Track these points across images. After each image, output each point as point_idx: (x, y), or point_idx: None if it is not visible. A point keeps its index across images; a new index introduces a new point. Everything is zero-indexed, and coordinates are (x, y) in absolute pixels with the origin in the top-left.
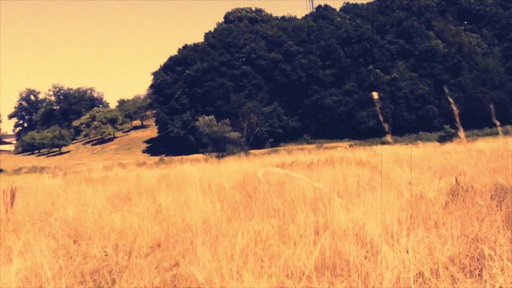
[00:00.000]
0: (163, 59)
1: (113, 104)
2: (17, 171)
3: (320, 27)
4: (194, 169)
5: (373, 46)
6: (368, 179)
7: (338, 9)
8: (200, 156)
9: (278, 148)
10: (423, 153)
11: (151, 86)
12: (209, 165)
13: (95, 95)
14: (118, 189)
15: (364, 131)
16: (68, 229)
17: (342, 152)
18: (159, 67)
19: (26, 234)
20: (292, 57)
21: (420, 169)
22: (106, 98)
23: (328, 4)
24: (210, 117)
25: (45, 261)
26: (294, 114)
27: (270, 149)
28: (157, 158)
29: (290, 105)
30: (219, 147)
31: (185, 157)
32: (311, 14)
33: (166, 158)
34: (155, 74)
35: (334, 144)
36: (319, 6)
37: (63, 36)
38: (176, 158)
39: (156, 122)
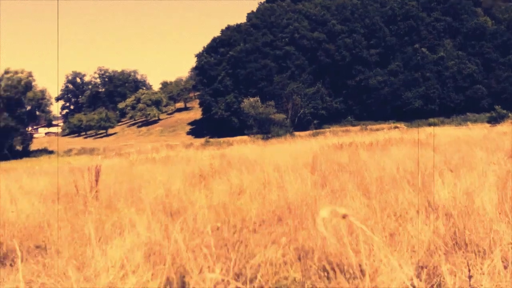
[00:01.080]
0: (203, 40)
1: (156, 87)
2: (68, 152)
3: (365, 5)
4: (248, 150)
5: (419, 24)
6: (439, 159)
7: None
8: (245, 138)
9: (322, 130)
10: (479, 134)
11: (195, 68)
12: (257, 146)
13: (139, 77)
14: (189, 169)
15: (409, 112)
16: (161, 206)
17: (398, 133)
18: (202, 48)
19: (122, 210)
20: (335, 37)
21: (487, 149)
22: (149, 80)
23: None
24: (255, 98)
25: (176, 234)
26: (338, 95)
27: (314, 131)
28: (202, 139)
29: (333, 86)
30: (264, 128)
31: (230, 139)
32: None
33: (212, 140)
34: (199, 56)
35: (379, 126)
36: None
37: (105, 18)
38: (221, 140)
39: (200, 104)
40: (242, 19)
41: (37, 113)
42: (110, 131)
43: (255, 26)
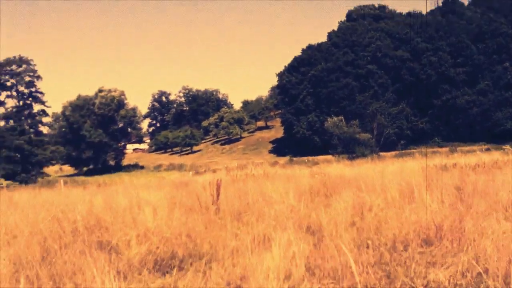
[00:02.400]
0: (282, 59)
1: (236, 105)
2: (157, 168)
3: (450, 22)
4: (342, 169)
5: (509, 41)
6: None
7: (467, 3)
8: (328, 157)
9: (408, 150)
10: None
11: (277, 87)
12: (346, 166)
13: (220, 96)
14: (294, 185)
15: (501, 134)
16: (291, 221)
17: (500, 155)
18: (283, 68)
19: (251, 223)
20: (420, 55)
21: None
22: (230, 99)
23: None
24: (339, 117)
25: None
26: (423, 115)
27: (401, 151)
28: (284, 158)
29: (418, 106)
30: (349, 148)
31: (314, 157)
32: (438, 8)
33: (295, 159)
34: (280, 75)
35: (469, 148)
36: (446, 1)
37: (189, 39)
38: (304, 158)
39: (282, 123)
40: (323, 38)
41: (129, 129)
42: (195, 148)
43: (336, 45)
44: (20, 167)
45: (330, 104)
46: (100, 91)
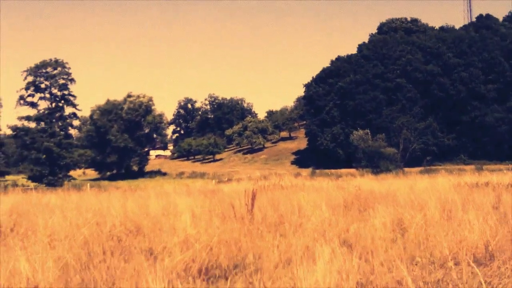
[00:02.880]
0: (308, 70)
1: (261, 115)
2: (180, 175)
3: (483, 38)
4: (370, 183)
5: None
6: None
7: (501, 19)
8: (351, 170)
9: (434, 167)
10: None
11: (303, 98)
12: (371, 180)
13: (245, 105)
14: (325, 197)
15: None
16: (330, 234)
17: None
18: (310, 79)
19: (293, 236)
20: (451, 70)
21: None
22: (254, 109)
23: (490, 13)
24: (365, 131)
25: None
26: (450, 131)
27: (426, 167)
28: (307, 170)
29: (446, 122)
30: (373, 162)
31: (337, 170)
32: (472, 24)
33: (317, 171)
34: (307, 86)
35: (495, 167)
36: (480, 16)
37: (216, 48)
38: (327, 171)
39: (306, 134)
40: (352, 50)
41: (154, 135)
42: (217, 156)
43: (366, 57)
44: (48, 169)
45: (356, 116)
46: (129, 96)
